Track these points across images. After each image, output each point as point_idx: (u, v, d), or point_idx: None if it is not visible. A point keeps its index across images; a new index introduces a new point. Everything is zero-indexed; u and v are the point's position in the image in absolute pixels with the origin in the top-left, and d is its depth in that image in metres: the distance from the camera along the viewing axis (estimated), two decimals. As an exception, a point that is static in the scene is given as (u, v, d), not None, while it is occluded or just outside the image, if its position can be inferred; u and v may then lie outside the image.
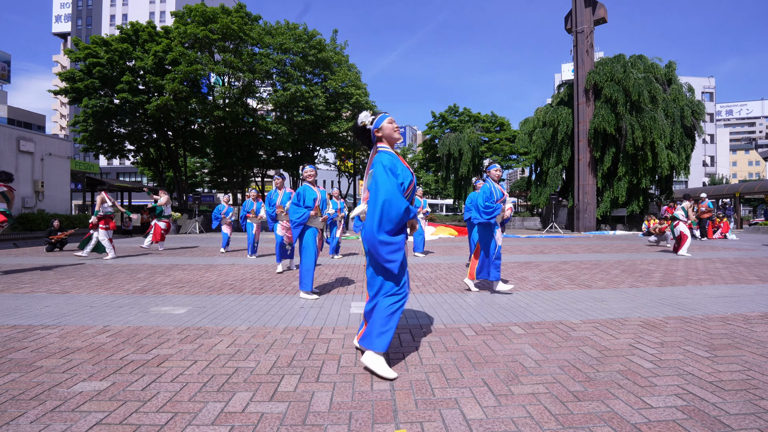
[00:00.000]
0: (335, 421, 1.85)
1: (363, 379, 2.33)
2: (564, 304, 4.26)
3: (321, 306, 4.20)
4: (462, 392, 2.15)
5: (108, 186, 24.99)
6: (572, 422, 1.83)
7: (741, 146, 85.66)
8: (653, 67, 21.48)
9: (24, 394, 2.12)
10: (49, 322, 3.58)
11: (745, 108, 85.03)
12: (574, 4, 19.94)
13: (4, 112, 43.30)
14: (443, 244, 12.45)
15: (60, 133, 68.23)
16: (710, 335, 3.14)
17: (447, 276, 6.24)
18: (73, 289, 5.21)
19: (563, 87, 25.21)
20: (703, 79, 57.65)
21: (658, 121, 19.17)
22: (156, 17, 58.39)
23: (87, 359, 2.64)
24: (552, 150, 22.64)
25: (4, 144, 16.17)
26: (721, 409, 1.94)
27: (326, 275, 6.38)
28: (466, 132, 29.55)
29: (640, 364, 2.52)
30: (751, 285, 5.33)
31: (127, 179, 53.97)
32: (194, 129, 26.58)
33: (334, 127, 25.36)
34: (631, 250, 10.30)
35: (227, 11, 23.50)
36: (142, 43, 23.04)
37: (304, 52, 24.85)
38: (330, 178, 58.58)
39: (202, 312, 3.93)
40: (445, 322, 3.57)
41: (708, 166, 58.90)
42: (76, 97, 22.75)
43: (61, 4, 65.99)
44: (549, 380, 2.30)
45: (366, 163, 2.65)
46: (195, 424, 1.83)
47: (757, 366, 2.49)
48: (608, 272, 6.53)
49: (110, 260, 8.25)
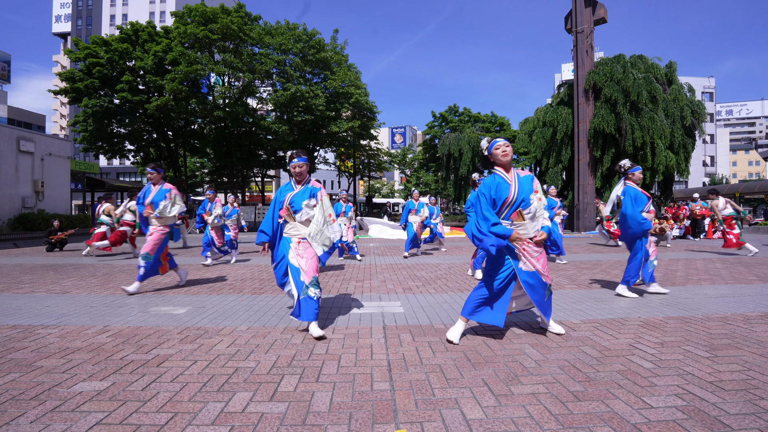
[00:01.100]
0: (335, 421, 1.85)
1: (363, 379, 2.33)
2: (564, 304, 4.26)
3: (321, 306, 4.20)
4: (462, 392, 2.15)
5: (108, 186, 25.00)
6: (572, 422, 1.83)
7: (741, 146, 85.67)
8: (653, 68, 21.48)
9: (24, 394, 2.12)
10: (49, 322, 3.58)
11: (745, 108, 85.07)
12: (574, 4, 19.94)
13: (4, 112, 43.29)
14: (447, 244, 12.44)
15: (60, 133, 68.22)
16: (710, 335, 3.14)
17: (447, 276, 6.24)
18: (73, 289, 5.21)
19: (563, 87, 25.22)
20: (703, 79, 57.64)
21: (657, 121, 19.18)
22: (156, 17, 58.36)
23: (87, 359, 2.64)
24: (552, 150, 22.64)
25: (4, 144, 16.16)
26: (721, 409, 1.94)
27: (326, 275, 6.38)
28: (466, 132, 29.57)
29: (640, 364, 2.52)
30: (751, 285, 5.33)
31: (127, 179, 53.94)
32: (194, 129, 26.59)
33: (334, 127, 25.36)
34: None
35: (227, 11, 23.52)
36: (142, 43, 23.04)
37: (303, 52, 24.88)
38: (330, 178, 58.59)
39: (202, 312, 3.93)
40: (445, 322, 3.57)
41: (708, 166, 58.90)
42: (76, 97, 22.75)
43: (61, 4, 65.98)
44: (549, 380, 2.29)
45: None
46: (195, 424, 1.83)
47: (757, 366, 2.49)
48: (608, 272, 6.53)
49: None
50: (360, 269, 7.08)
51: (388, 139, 74.99)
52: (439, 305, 4.23)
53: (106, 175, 37.01)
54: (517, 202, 3.00)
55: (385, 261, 8.35)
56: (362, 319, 3.71)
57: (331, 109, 25.67)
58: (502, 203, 3.00)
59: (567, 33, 20.88)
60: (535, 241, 3.02)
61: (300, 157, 3.55)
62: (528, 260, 2.99)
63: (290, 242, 3.50)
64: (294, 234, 3.52)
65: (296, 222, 3.52)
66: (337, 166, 37.09)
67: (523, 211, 3.02)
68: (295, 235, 3.52)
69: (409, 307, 4.14)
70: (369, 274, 6.47)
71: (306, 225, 3.52)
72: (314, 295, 3.25)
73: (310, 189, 3.60)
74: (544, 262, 3.06)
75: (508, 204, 3.00)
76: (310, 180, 3.67)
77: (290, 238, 3.52)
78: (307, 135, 26.65)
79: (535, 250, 3.02)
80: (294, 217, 3.53)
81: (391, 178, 74.56)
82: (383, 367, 2.52)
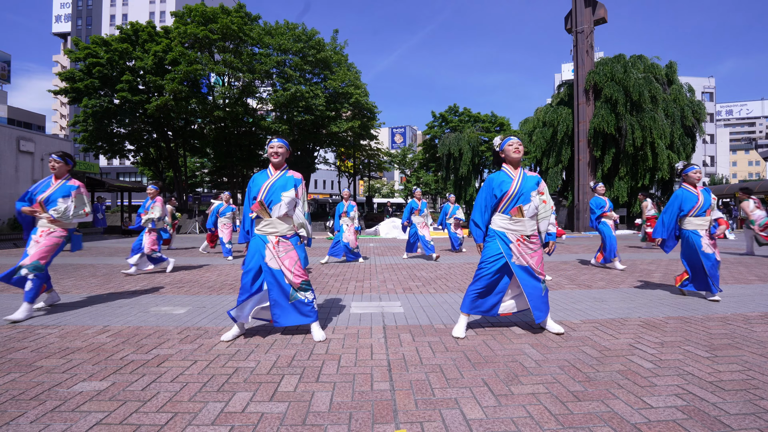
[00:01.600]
0: (335, 421, 1.85)
1: (363, 379, 2.33)
2: (564, 304, 4.26)
3: (321, 306, 4.20)
4: (462, 392, 2.15)
5: (108, 186, 24.98)
6: (572, 422, 1.83)
7: (741, 146, 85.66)
8: (653, 67, 21.49)
9: (24, 394, 2.12)
10: (49, 322, 3.59)
11: (745, 108, 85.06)
12: (574, 4, 19.94)
13: (4, 112, 43.29)
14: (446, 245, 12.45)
15: (60, 133, 68.21)
16: (710, 335, 3.14)
17: (447, 276, 6.24)
18: (73, 289, 5.21)
19: (563, 87, 25.23)
20: (703, 79, 57.63)
21: (658, 121, 19.19)
22: (156, 17, 58.36)
23: (87, 359, 2.64)
24: (552, 150, 22.65)
25: (4, 144, 16.16)
26: (721, 409, 1.94)
27: (326, 275, 6.38)
28: (466, 132, 29.56)
29: (640, 364, 2.52)
30: (751, 285, 5.33)
31: (127, 179, 53.94)
32: (194, 129, 26.61)
33: (334, 127, 25.37)
34: (631, 250, 10.30)
35: (227, 11, 23.53)
36: (142, 43, 23.05)
37: (303, 52, 24.88)
38: (330, 178, 58.59)
39: (202, 312, 3.93)
40: (445, 322, 3.57)
41: (708, 166, 58.90)
42: (76, 97, 22.76)
43: (61, 4, 65.96)
44: (549, 380, 2.29)
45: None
46: (195, 424, 1.83)
47: (757, 366, 2.49)
48: (608, 272, 6.53)
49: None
50: (360, 269, 7.08)
51: (388, 139, 74.98)
52: (439, 305, 4.23)
53: (106, 175, 36.97)
54: (516, 196, 3.08)
55: (385, 261, 8.35)
56: (362, 319, 3.71)
57: (331, 109, 25.68)
58: (503, 196, 3.10)
59: (567, 33, 20.89)
60: (531, 241, 3.13)
61: (280, 138, 3.18)
62: (522, 257, 3.09)
63: (266, 242, 3.04)
64: (270, 232, 3.05)
65: (272, 218, 3.04)
66: (337, 166, 37.09)
67: (523, 207, 3.08)
68: (272, 233, 3.05)
69: (409, 307, 4.14)
70: (369, 274, 6.47)
71: (284, 221, 3.07)
72: (305, 298, 3.03)
73: (291, 178, 3.12)
74: (539, 259, 3.15)
75: (508, 197, 3.09)
76: (288, 169, 3.25)
77: (265, 236, 3.05)
78: (307, 135, 26.65)
79: (529, 248, 3.11)
80: (269, 211, 3.03)
81: (391, 178, 74.54)
82: (383, 367, 2.52)
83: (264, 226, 3.07)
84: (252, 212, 3.08)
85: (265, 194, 3.04)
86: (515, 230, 3.10)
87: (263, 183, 3.09)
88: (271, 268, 3.01)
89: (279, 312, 3.04)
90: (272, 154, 3.14)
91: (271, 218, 3.05)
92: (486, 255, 3.13)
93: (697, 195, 4.42)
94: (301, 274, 3.05)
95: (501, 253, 3.08)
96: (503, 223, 3.12)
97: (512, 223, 3.10)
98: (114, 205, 44.82)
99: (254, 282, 3.03)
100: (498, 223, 3.15)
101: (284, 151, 3.17)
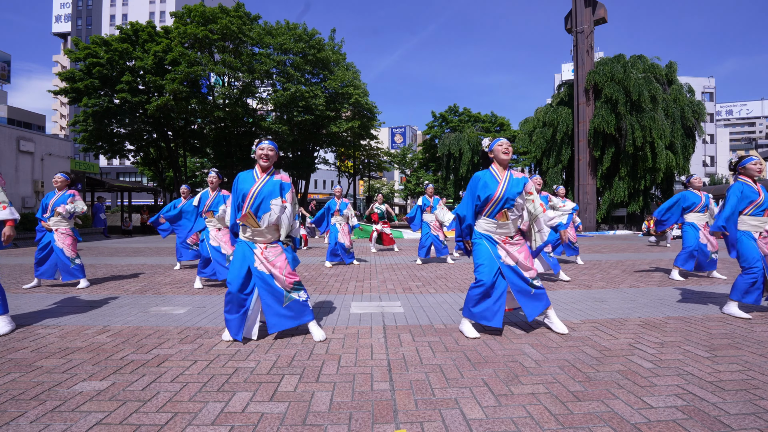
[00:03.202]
0: (335, 421, 1.85)
1: (363, 379, 2.33)
2: (564, 304, 4.26)
3: (321, 306, 4.20)
4: (462, 392, 2.15)
5: (108, 186, 24.99)
6: (572, 422, 1.83)
7: (741, 146, 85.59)
8: (653, 67, 21.49)
9: (24, 394, 2.12)
10: (49, 322, 3.58)
11: (745, 108, 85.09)
12: (574, 4, 19.94)
13: (4, 112, 43.27)
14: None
15: (60, 133, 68.22)
16: (710, 335, 3.14)
17: (447, 276, 6.24)
18: (73, 289, 5.21)
19: (563, 87, 25.22)
20: (703, 79, 57.61)
21: (658, 121, 19.19)
22: (156, 17, 58.37)
23: (87, 359, 2.64)
24: (552, 150, 22.66)
25: (4, 144, 16.17)
26: (721, 409, 1.94)
27: (326, 275, 6.38)
28: (466, 132, 29.61)
29: (640, 364, 2.52)
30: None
31: (127, 179, 53.94)
32: (194, 129, 26.62)
33: (334, 127, 25.39)
34: (631, 250, 10.30)
35: (226, 11, 23.52)
36: (142, 43, 23.06)
37: (303, 52, 24.89)
38: (330, 178, 58.60)
39: (202, 312, 3.93)
40: (445, 322, 3.57)
41: (708, 166, 58.89)
42: (76, 97, 22.77)
43: (61, 4, 65.96)
44: (549, 380, 2.29)
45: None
46: (195, 424, 1.83)
47: (757, 366, 2.49)
48: (608, 272, 6.53)
49: None
50: (360, 269, 7.08)
51: (388, 139, 74.97)
52: (439, 305, 4.23)
53: (106, 175, 36.98)
54: (501, 201, 3.04)
55: (385, 261, 8.35)
56: (362, 319, 3.71)
57: (331, 109, 25.70)
58: (487, 199, 3.05)
59: (567, 33, 20.89)
60: (516, 239, 3.15)
61: (270, 140, 3.04)
62: (509, 255, 3.11)
63: (254, 248, 2.95)
64: (259, 240, 2.96)
65: (261, 227, 2.90)
66: (337, 166, 37.09)
67: (509, 212, 3.07)
68: (260, 241, 2.96)
69: (409, 307, 4.14)
70: (369, 274, 6.47)
71: (273, 230, 2.96)
72: (299, 297, 3.00)
73: (278, 183, 2.97)
74: (526, 254, 3.16)
75: (493, 202, 3.05)
76: (276, 170, 3.06)
77: (253, 243, 2.97)
78: (307, 135, 26.67)
79: (513, 246, 3.13)
80: (257, 221, 2.89)
81: (391, 178, 74.53)
82: (383, 367, 2.52)
83: (252, 235, 2.97)
84: (239, 221, 2.99)
85: (252, 202, 2.89)
86: (501, 233, 3.12)
87: (250, 189, 2.93)
88: (261, 272, 2.94)
89: (273, 318, 2.95)
90: (262, 156, 2.98)
91: (260, 227, 2.92)
92: (478, 259, 3.12)
93: (758, 191, 3.70)
94: (292, 275, 3.02)
95: (494, 260, 3.07)
96: (488, 227, 3.12)
97: (498, 227, 3.10)
98: (114, 205, 44.85)
99: (244, 289, 2.95)
100: (483, 226, 3.14)
101: (274, 154, 3.03)
